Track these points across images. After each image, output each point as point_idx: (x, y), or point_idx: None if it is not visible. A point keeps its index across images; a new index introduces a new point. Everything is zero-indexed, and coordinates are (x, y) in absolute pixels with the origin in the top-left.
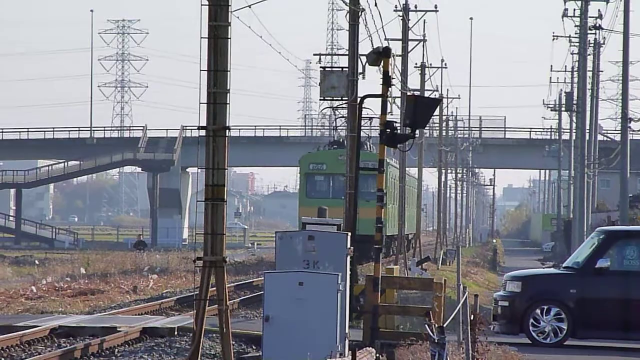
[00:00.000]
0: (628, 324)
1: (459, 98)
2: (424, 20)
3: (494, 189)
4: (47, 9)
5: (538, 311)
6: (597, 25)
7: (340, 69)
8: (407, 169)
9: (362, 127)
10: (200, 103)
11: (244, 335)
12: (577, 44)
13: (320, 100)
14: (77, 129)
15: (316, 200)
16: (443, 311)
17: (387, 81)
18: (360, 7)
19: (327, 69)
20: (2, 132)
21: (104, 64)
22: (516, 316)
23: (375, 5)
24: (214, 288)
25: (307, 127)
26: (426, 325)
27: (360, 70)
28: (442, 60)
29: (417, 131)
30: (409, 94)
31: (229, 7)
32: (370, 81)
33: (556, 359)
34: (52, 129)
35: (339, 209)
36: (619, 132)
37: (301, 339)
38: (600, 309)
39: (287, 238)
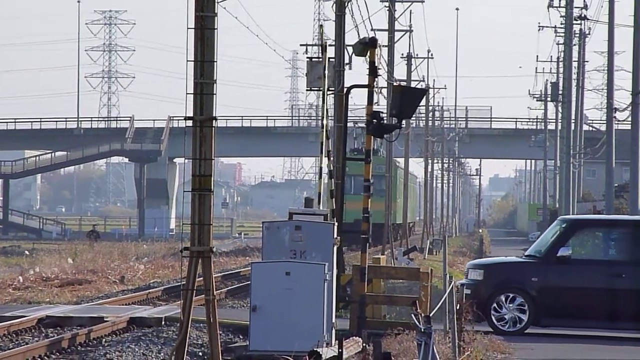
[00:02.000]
0: (589, 312)
1: (445, 88)
2: (410, 10)
3: (480, 178)
4: (33, 0)
5: (500, 299)
6: (583, 15)
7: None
8: (394, 158)
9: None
10: (187, 94)
11: (231, 325)
12: (563, 35)
13: (307, 90)
14: (65, 119)
15: (349, 196)
16: (430, 301)
17: (373, 71)
18: None
19: (313, 59)
20: None
21: (91, 55)
22: (478, 304)
23: None
24: (201, 278)
25: (294, 118)
26: (413, 315)
27: (346, 60)
28: (429, 51)
29: (404, 121)
30: (395, 84)
31: None
32: (356, 72)
33: (540, 347)
34: (39, 120)
35: (358, 202)
36: (605, 122)
37: (288, 328)
38: (561, 298)
39: (274, 228)
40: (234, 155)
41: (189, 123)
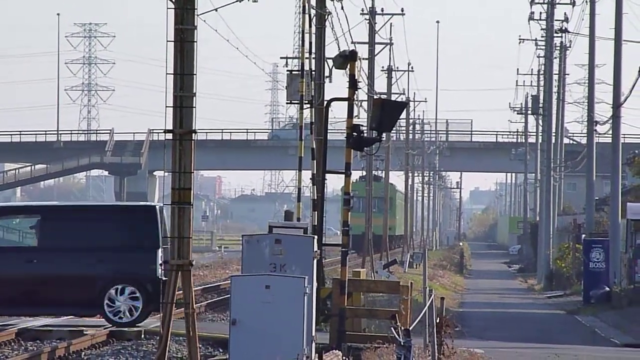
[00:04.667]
0: (5, 299)
1: (426, 101)
2: (391, 23)
3: (460, 192)
4: (13, 12)
5: None
6: (563, 28)
7: (307, 72)
8: (374, 172)
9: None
10: (166, 106)
11: (210, 338)
12: (544, 47)
13: (287, 103)
14: (44, 132)
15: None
16: (409, 314)
17: (353, 84)
18: (327, 11)
19: (293, 72)
20: None
21: (71, 68)
22: None
23: (342, 8)
24: (181, 291)
25: (274, 131)
26: (392, 328)
27: (327, 73)
28: (409, 64)
29: (384, 134)
30: (375, 97)
31: (195, 10)
32: (337, 85)
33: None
34: (19, 133)
35: (360, 219)
36: (585, 135)
37: (268, 342)
38: None
39: (254, 241)
40: (214, 169)
41: (169, 136)
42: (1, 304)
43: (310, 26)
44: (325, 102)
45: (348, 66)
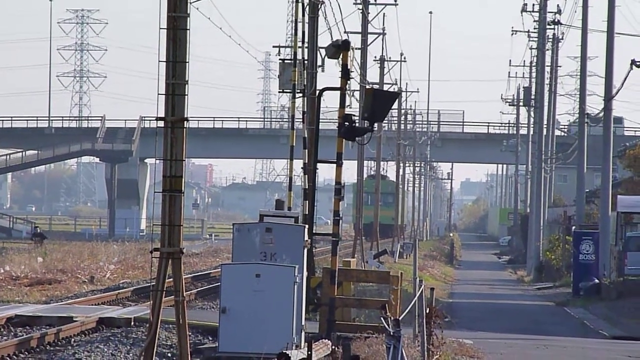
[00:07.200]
0: None
1: (418, 92)
2: (384, 13)
3: (451, 182)
4: None
5: None
6: (556, 20)
7: (299, 61)
8: (365, 161)
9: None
10: (158, 94)
11: (200, 326)
12: (536, 39)
13: (279, 92)
14: (36, 118)
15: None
16: (399, 304)
17: (346, 74)
18: (320, 0)
19: (286, 61)
20: None
21: (63, 54)
22: None
23: None
24: (171, 279)
25: (266, 120)
26: (382, 318)
27: (319, 63)
28: (402, 54)
29: (376, 124)
30: (367, 87)
31: None
32: (329, 74)
33: (509, 352)
34: (10, 119)
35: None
36: (577, 127)
37: (257, 330)
38: None
39: (244, 230)
40: (206, 157)
41: (161, 123)
42: None
43: (303, 15)
44: (318, 92)
45: (340, 56)
